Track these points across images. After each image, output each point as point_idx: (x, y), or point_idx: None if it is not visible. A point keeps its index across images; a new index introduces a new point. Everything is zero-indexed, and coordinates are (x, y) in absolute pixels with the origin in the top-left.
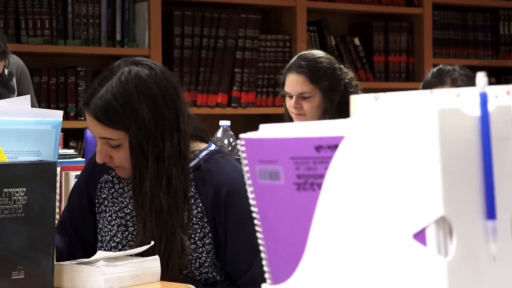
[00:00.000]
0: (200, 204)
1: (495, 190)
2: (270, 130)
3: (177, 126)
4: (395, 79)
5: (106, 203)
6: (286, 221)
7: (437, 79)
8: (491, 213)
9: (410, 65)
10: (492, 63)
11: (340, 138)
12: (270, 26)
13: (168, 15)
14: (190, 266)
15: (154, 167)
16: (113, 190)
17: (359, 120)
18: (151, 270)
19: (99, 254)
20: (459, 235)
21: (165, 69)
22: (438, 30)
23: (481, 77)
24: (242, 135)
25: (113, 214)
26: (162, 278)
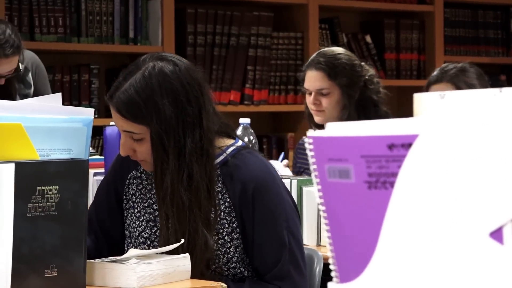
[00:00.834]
0: (227, 200)
1: None
2: (338, 128)
3: (200, 122)
4: (406, 76)
5: (134, 199)
6: (356, 219)
7: (437, 77)
8: None
9: (421, 63)
10: (503, 61)
11: (414, 137)
12: (282, 24)
13: (181, 12)
14: (218, 261)
15: (175, 162)
16: (141, 186)
17: (433, 118)
18: (182, 268)
19: (131, 252)
20: None
21: (190, 65)
22: (449, 28)
23: None
24: (309, 134)
25: (141, 210)
26: None
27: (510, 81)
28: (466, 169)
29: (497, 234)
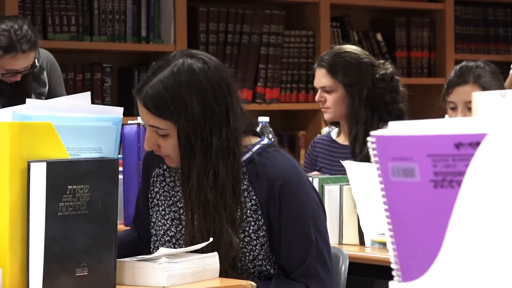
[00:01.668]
0: (254, 197)
1: None
2: (402, 127)
3: (227, 122)
4: (417, 74)
5: (158, 197)
6: (420, 218)
7: (460, 78)
8: None
9: (432, 61)
10: None
11: (482, 136)
12: (294, 22)
13: (193, 11)
14: (244, 260)
15: (201, 160)
16: (164, 183)
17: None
18: (211, 266)
19: (161, 251)
20: None
21: (220, 64)
22: (459, 26)
23: None
24: (372, 133)
25: (166, 208)
26: None
27: None
28: None
29: None
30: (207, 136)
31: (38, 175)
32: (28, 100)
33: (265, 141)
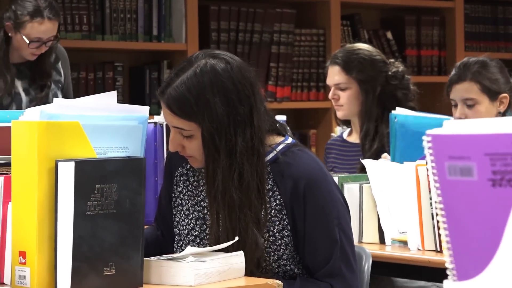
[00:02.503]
0: (278, 197)
1: None
2: (458, 126)
3: (251, 122)
4: (427, 72)
5: (182, 197)
6: (477, 216)
7: (458, 75)
8: None
9: (442, 59)
10: None
11: None
12: (305, 21)
13: (205, 9)
14: (268, 259)
15: (226, 161)
16: (188, 183)
17: None
18: (236, 265)
19: (188, 250)
20: None
21: (243, 64)
22: (469, 24)
23: None
24: (428, 131)
25: (190, 208)
26: None
27: None
28: None
29: None
30: (232, 136)
31: (66, 175)
32: (55, 99)
33: (289, 140)
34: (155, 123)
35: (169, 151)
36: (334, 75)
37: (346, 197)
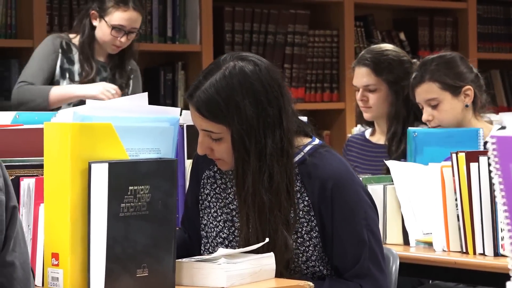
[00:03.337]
0: (306, 198)
1: None
2: None
3: (280, 123)
4: None
5: (209, 199)
6: None
7: (416, 78)
8: None
9: None
10: None
11: None
12: (318, 22)
13: (219, 11)
14: (297, 260)
15: (256, 163)
16: (215, 185)
17: None
18: (267, 267)
19: (220, 251)
20: None
21: (271, 66)
22: (481, 25)
23: None
24: (492, 134)
25: (218, 210)
26: None
27: None
28: None
29: None
30: (261, 138)
31: (100, 176)
32: (88, 101)
33: (316, 141)
34: None
35: (196, 153)
36: (363, 76)
37: None
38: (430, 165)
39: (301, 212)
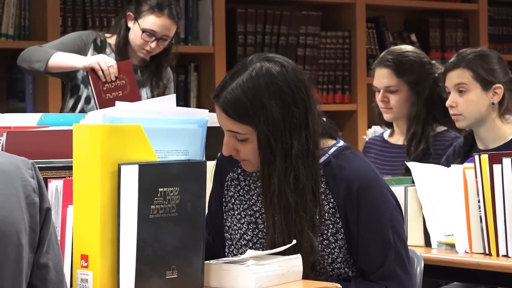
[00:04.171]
0: (331, 200)
1: None
2: None
3: (306, 124)
4: None
5: (233, 201)
6: None
7: (452, 63)
8: None
9: None
10: None
11: None
12: (330, 23)
13: (231, 12)
14: (322, 262)
15: (281, 164)
16: (239, 187)
17: None
18: (295, 268)
19: (248, 253)
20: None
21: (297, 67)
22: (492, 26)
23: None
24: None
25: (242, 212)
26: None
27: None
28: None
29: None
30: (287, 139)
31: (130, 178)
32: (117, 102)
33: (341, 143)
34: None
35: (219, 156)
36: (384, 77)
37: None
38: (453, 166)
39: (326, 214)
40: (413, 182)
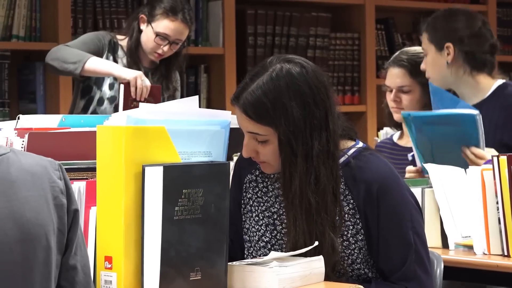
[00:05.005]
0: (351, 201)
1: None
2: None
3: (326, 125)
4: None
5: (251, 203)
6: None
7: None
8: None
9: None
10: None
11: None
12: (340, 24)
13: (241, 14)
14: (342, 263)
15: (303, 165)
16: (257, 189)
17: None
18: (317, 270)
19: (271, 255)
20: None
21: (317, 68)
22: (501, 27)
23: None
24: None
25: (260, 214)
26: None
27: None
28: None
29: None
30: (308, 140)
31: (154, 179)
32: (141, 104)
33: (360, 144)
34: None
35: (238, 158)
36: (397, 77)
37: None
38: (470, 168)
39: (346, 215)
40: (430, 184)
